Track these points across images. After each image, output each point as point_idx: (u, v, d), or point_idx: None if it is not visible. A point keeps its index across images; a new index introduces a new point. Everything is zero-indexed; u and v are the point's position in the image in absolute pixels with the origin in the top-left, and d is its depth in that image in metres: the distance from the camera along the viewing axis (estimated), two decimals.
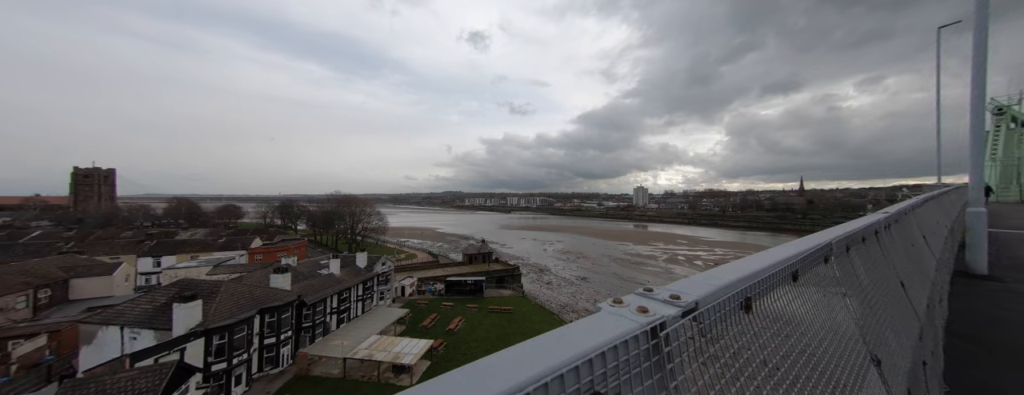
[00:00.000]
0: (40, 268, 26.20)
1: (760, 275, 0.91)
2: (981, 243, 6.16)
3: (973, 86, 5.99)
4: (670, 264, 68.27)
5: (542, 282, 55.57)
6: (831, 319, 1.19)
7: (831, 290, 1.33)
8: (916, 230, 4.22)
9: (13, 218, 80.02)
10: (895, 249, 2.84)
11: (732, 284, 0.81)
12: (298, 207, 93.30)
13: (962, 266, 6.44)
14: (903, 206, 3.78)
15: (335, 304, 28.12)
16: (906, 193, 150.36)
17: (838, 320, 1.26)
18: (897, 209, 3.43)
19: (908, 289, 2.53)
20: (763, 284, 0.90)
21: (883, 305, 1.83)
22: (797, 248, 1.19)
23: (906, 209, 3.78)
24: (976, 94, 6.02)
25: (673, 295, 0.73)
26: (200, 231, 58.01)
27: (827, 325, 1.13)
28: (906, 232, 3.64)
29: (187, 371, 15.92)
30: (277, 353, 22.55)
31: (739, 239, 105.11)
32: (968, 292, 5.30)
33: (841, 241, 1.58)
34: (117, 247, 41.06)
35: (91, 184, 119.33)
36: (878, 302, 1.78)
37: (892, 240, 2.86)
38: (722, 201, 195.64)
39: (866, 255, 2.00)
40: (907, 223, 3.82)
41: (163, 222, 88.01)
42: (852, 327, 1.31)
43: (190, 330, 18.16)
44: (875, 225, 2.39)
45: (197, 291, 20.54)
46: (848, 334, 1.23)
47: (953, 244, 7.42)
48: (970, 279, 5.94)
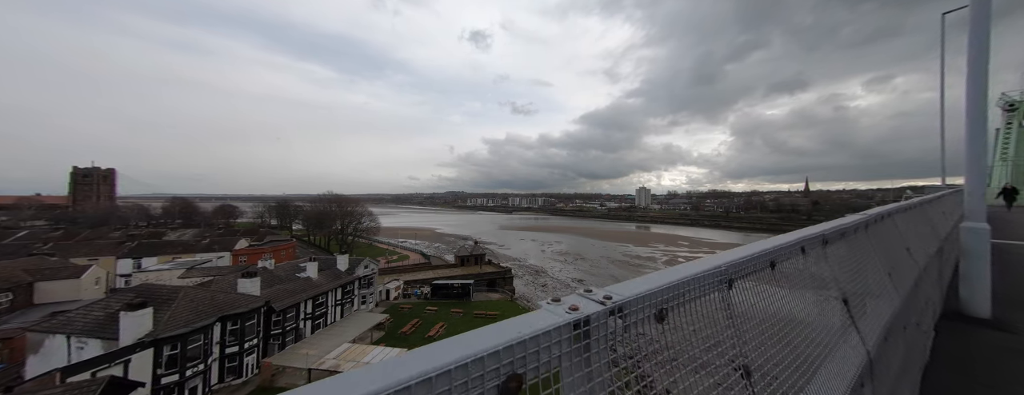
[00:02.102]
0: (1, 271, 25.17)
1: (682, 287, 0.96)
2: (980, 272, 4.46)
3: (970, 79, 4.69)
4: (669, 266, 66.46)
5: (537, 284, 54.08)
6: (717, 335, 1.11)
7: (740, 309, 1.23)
8: (875, 254, 2.81)
9: (8, 218, 79.95)
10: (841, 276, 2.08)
11: (655, 291, 0.87)
12: (294, 207, 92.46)
13: (954, 304, 4.74)
14: (848, 222, 2.46)
15: (310, 309, 26.82)
16: (910, 195, 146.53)
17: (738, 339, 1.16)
18: (834, 226, 2.26)
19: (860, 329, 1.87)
20: (680, 296, 0.95)
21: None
22: (702, 266, 1.13)
23: (854, 225, 2.50)
24: (975, 86, 4.69)
25: (606, 296, 0.82)
26: (189, 232, 57.24)
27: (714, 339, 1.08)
28: (863, 253, 2.55)
29: (125, 387, 14.62)
30: (240, 363, 21.26)
31: (742, 240, 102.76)
32: (958, 346, 3.74)
33: (744, 263, 1.30)
34: (99, 248, 40.21)
35: (90, 184, 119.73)
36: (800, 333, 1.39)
37: (836, 264, 2.09)
38: (726, 202, 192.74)
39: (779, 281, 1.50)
40: (858, 243, 2.53)
41: (159, 222, 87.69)
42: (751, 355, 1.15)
43: (137, 340, 16.91)
44: (792, 247, 1.66)
45: (153, 297, 19.31)
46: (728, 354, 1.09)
47: (942, 272, 5.43)
48: (964, 325, 4.28)
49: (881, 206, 3.94)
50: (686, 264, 1.22)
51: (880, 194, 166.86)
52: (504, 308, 34.59)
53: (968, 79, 4.70)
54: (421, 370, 0.47)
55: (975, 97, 4.69)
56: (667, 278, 0.97)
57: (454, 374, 0.49)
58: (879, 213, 3.23)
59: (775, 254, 1.42)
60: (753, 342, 1.19)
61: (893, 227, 3.59)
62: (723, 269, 1.17)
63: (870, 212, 3.16)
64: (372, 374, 0.46)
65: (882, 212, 3.37)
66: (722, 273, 1.16)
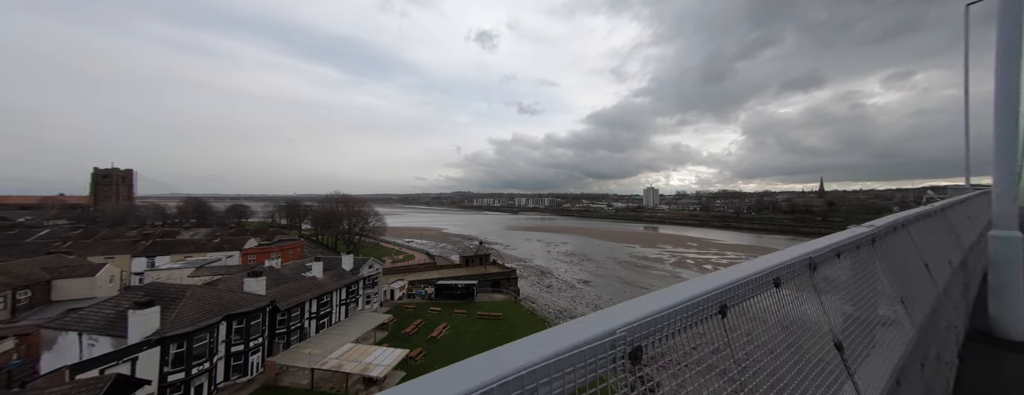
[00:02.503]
0: (21, 269, 26.03)
1: (658, 317, 0.89)
2: (1013, 287, 3.90)
3: (999, 73, 4.25)
4: (678, 268, 65.33)
5: (543, 285, 53.72)
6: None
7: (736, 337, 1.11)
8: (885, 276, 2.41)
9: (32, 217, 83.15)
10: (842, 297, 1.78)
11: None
12: (303, 207, 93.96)
13: (982, 323, 4.21)
14: (846, 237, 2.05)
15: (314, 309, 27.03)
16: (931, 196, 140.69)
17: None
18: (827, 244, 1.82)
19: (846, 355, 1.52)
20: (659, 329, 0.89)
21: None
22: (684, 293, 1.01)
23: (854, 241, 2.09)
24: (1004, 80, 4.26)
25: None
26: (202, 231, 58.55)
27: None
28: (867, 277, 2.12)
29: (131, 384, 14.85)
30: (246, 361, 21.49)
31: (754, 242, 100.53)
32: (987, 375, 3.27)
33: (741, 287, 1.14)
34: (115, 247, 41.38)
35: (110, 184, 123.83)
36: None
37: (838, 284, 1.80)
38: (737, 202, 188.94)
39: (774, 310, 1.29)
40: (861, 264, 2.13)
41: (174, 221, 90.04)
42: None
43: (144, 338, 17.21)
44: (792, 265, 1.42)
45: (162, 296, 19.65)
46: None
47: (967, 286, 4.93)
48: (994, 349, 3.76)
49: (895, 213, 3.42)
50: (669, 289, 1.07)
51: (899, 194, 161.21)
52: (508, 309, 34.35)
53: (997, 72, 4.31)
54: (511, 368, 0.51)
55: (1005, 91, 4.28)
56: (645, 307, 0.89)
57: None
58: (890, 224, 2.75)
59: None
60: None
61: (907, 240, 3.09)
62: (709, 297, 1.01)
63: (878, 223, 2.69)
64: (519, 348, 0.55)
65: (894, 222, 2.86)
66: (711, 300, 1.02)
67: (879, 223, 2.68)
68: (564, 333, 0.63)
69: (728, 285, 1.05)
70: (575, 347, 0.59)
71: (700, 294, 0.94)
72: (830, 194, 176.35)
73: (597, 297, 48.27)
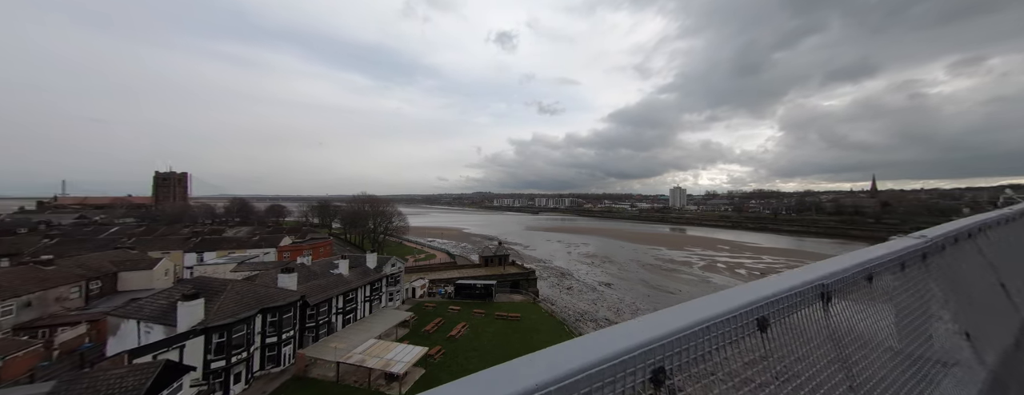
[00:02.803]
0: (94, 262, 29.39)
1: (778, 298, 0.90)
2: None
3: None
4: (707, 272, 62.12)
5: (563, 287, 53.07)
6: None
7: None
8: (938, 304, 1.86)
9: (105, 216, 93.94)
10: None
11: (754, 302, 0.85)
12: (333, 207, 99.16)
13: None
14: (884, 253, 1.56)
15: (341, 304, 28.35)
16: (1010, 195, 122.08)
17: None
18: (857, 262, 1.40)
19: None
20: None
21: None
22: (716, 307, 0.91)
23: (897, 257, 1.59)
24: None
25: None
26: (244, 229, 63.21)
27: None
28: (913, 302, 1.62)
29: (178, 370, 16.31)
30: (279, 352, 22.94)
31: (793, 246, 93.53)
32: None
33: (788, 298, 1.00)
34: (171, 243, 45.70)
35: (168, 186, 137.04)
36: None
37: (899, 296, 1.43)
38: (774, 203, 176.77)
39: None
40: (912, 282, 1.67)
41: (221, 220, 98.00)
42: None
43: (191, 328, 18.83)
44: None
45: (206, 289, 21.43)
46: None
47: None
48: None
49: (956, 221, 2.70)
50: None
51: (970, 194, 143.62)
52: (526, 310, 34.24)
53: None
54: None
55: None
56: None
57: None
58: (949, 233, 2.14)
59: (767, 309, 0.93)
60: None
61: (974, 253, 2.45)
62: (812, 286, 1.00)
63: (931, 232, 2.09)
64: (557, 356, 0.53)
65: (955, 231, 2.24)
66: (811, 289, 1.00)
67: (933, 232, 2.06)
68: (576, 350, 0.58)
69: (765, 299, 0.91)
70: (590, 366, 0.54)
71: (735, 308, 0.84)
72: (884, 194, 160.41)
73: (619, 300, 46.92)
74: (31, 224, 65.50)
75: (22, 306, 23.37)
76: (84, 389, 13.77)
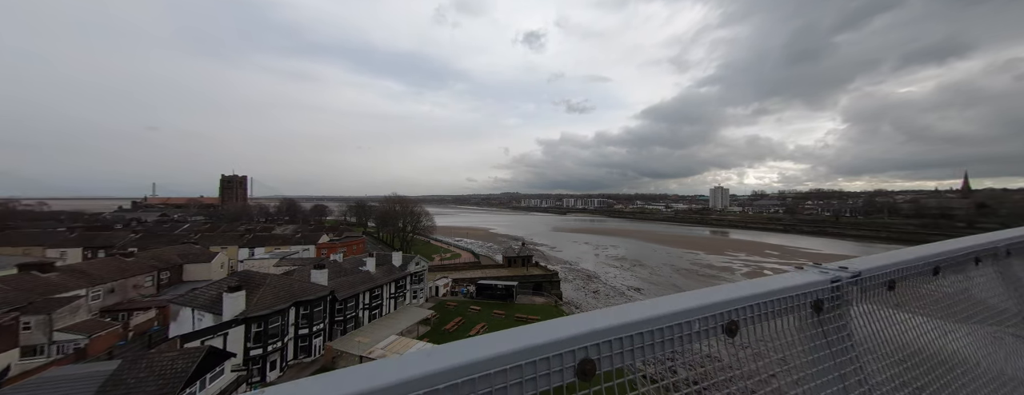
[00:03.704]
0: (164, 254, 33.54)
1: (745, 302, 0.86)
2: None
3: None
4: (751, 279, 56.95)
5: (588, 290, 51.52)
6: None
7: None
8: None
9: (181, 214, 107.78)
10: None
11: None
12: (369, 207, 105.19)
13: None
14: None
15: (367, 300, 29.71)
16: None
17: None
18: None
19: None
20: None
21: None
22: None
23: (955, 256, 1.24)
24: None
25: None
26: (290, 227, 68.87)
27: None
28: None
29: (221, 356, 17.97)
30: (310, 343, 24.52)
31: (859, 251, 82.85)
32: None
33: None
34: (228, 239, 51.00)
35: (232, 187, 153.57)
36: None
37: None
38: (836, 204, 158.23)
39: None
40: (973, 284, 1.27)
41: (272, 219, 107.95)
42: None
43: (233, 317, 20.70)
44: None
45: (249, 283, 23.48)
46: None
47: None
48: None
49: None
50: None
51: None
52: (547, 313, 33.56)
53: None
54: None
55: None
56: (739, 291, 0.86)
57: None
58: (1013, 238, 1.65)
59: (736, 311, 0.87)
60: None
61: None
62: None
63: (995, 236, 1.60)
64: (466, 348, 0.51)
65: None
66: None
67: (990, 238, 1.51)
68: (514, 336, 0.58)
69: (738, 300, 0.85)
70: (521, 354, 0.53)
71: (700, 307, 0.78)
72: (980, 194, 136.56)
73: None
74: (125, 221, 76.61)
75: (107, 292, 27.27)
76: (143, 368, 15.60)
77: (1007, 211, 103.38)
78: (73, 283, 25.30)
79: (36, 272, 25.23)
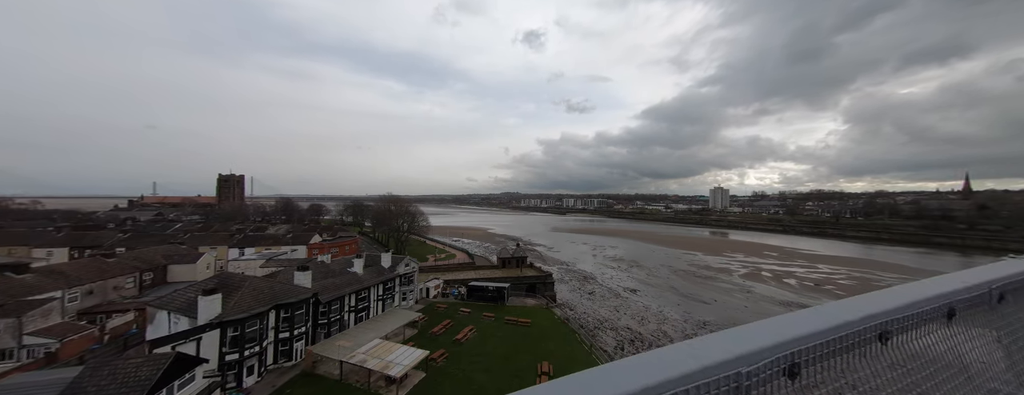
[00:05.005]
0: (148, 255, 32.81)
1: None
2: None
3: None
4: (750, 281, 56.22)
5: (584, 292, 50.75)
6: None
7: None
8: None
9: (177, 213, 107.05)
10: None
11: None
12: (364, 207, 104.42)
13: None
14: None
15: (353, 303, 28.96)
16: None
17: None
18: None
19: None
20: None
21: None
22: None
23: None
24: None
25: None
26: (284, 227, 68.16)
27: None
28: None
29: (190, 362, 17.22)
30: (291, 347, 23.76)
31: (859, 254, 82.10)
32: None
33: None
34: (219, 239, 50.24)
35: (229, 186, 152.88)
36: None
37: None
38: (836, 204, 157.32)
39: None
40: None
41: (269, 218, 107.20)
42: None
43: (208, 321, 19.95)
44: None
45: (227, 285, 22.73)
46: None
47: None
48: None
49: None
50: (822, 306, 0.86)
51: None
52: (538, 316, 32.82)
53: None
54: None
55: None
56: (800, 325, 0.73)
57: None
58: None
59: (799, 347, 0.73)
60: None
61: None
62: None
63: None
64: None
65: None
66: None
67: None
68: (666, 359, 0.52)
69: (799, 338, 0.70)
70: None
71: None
72: (982, 195, 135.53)
73: (644, 308, 43.75)
74: (118, 220, 75.92)
75: (86, 293, 26.56)
76: (105, 375, 14.86)
77: (1008, 213, 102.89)
78: (49, 284, 24.59)
79: (10, 273, 24.53)
